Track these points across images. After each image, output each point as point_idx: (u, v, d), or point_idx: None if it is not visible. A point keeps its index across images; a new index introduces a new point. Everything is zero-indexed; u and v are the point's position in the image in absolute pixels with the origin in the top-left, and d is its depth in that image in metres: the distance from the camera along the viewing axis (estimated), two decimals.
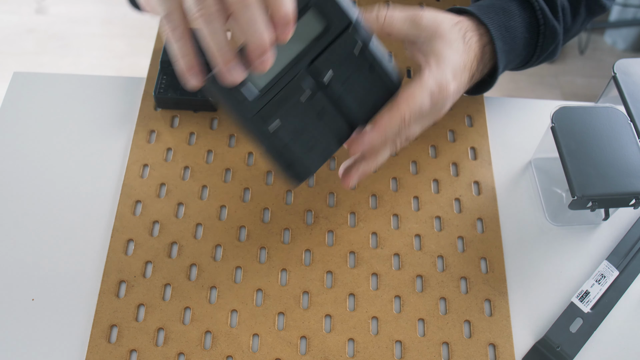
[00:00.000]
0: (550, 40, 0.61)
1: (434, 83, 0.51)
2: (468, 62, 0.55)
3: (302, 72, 0.47)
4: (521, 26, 0.59)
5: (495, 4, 0.60)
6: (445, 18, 0.56)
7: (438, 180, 0.64)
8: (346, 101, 0.50)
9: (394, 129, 0.50)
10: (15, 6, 1.95)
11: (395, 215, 0.61)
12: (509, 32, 0.59)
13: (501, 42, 0.58)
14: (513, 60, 0.61)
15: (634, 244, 0.60)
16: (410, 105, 0.50)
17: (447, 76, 0.52)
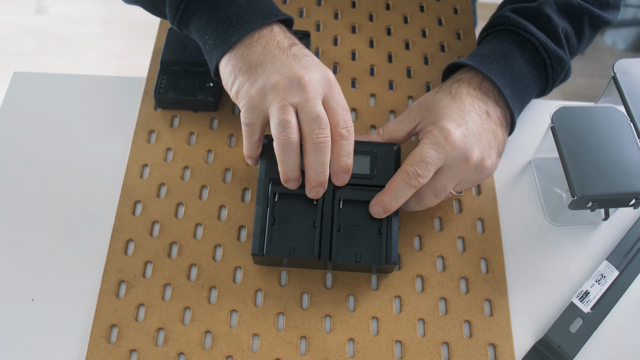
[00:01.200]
0: (559, 69, 0.61)
1: (433, 136, 0.53)
2: (466, 106, 0.56)
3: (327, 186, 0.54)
4: (526, 66, 0.59)
5: (495, 51, 0.60)
6: (428, 94, 0.59)
7: None
8: (340, 236, 0.55)
9: (400, 184, 0.52)
10: (15, 6, 1.95)
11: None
12: (514, 76, 0.59)
13: (509, 89, 0.58)
14: (528, 99, 0.61)
15: (634, 244, 0.60)
16: (410, 159, 0.53)
17: (447, 126, 0.53)
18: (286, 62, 0.52)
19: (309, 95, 0.50)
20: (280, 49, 0.53)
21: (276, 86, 0.51)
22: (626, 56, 1.90)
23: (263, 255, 0.54)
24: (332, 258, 0.54)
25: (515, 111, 0.59)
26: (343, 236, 0.55)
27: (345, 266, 0.56)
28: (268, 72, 0.51)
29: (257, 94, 0.51)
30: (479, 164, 0.54)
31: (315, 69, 0.52)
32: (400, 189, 0.53)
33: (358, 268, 0.56)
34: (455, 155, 0.53)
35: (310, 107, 0.50)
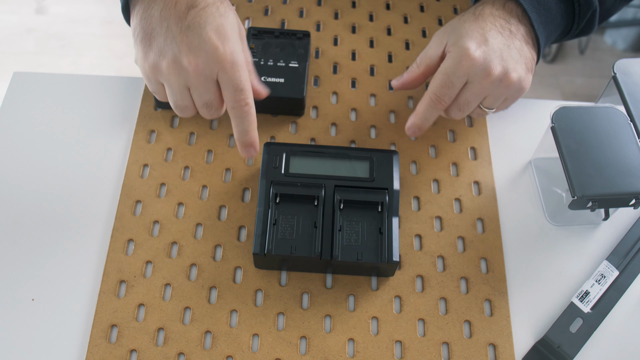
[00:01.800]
0: (586, 7, 0.61)
1: (452, 56, 0.55)
2: (487, 24, 0.57)
3: (326, 185, 0.57)
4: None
5: None
6: (454, 18, 0.60)
7: (438, 180, 0.64)
8: (341, 236, 0.55)
9: (427, 108, 0.56)
10: (15, 6, 1.95)
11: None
12: (542, 4, 0.59)
13: (536, 14, 0.59)
14: (554, 30, 0.61)
15: (634, 244, 0.60)
16: (433, 85, 0.56)
17: (466, 44, 0.55)
18: (177, 38, 0.50)
19: (196, 82, 0.51)
20: (177, 15, 0.51)
21: (166, 70, 0.51)
22: (626, 56, 1.90)
23: (264, 255, 0.54)
24: (333, 257, 0.54)
25: (541, 37, 0.59)
26: (344, 236, 0.55)
27: (346, 267, 0.56)
28: (159, 49, 0.51)
29: (150, 69, 0.52)
30: (502, 78, 0.55)
31: (205, 48, 0.50)
32: (428, 111, 0.57)
33: (359, 269, 0.56)
34: (476, 70, 0.55)
35: (199, 93, 0.52)
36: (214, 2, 0.52)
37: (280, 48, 0.68)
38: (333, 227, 0.55)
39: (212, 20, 0.51)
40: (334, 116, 0.68)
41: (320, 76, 0.71)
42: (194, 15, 0.51)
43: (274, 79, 0.66)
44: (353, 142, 0.66)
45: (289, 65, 0.67)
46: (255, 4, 0.76)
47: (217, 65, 0.50)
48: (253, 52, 0.68)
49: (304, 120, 0.67)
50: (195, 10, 0.51)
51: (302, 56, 0.68)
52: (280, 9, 0.76)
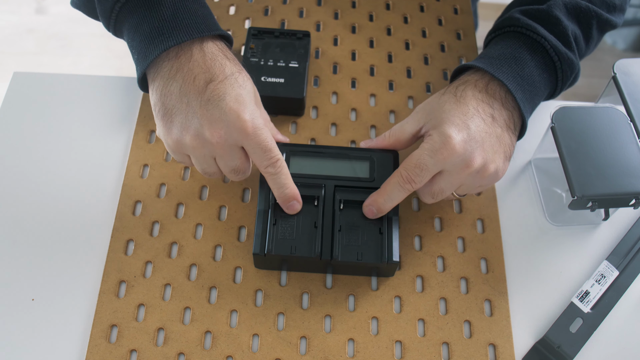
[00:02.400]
0: (569, 72, 0.60)
1: (432, 141, 0.53)
2: (470, 109, 0.55)
3: (327, 185, 0.57)
4: (536, 69, 0.58)
5: (505, 53, 0.59)
6: (434, 96, 0.58)
7: None
8: (341, 236, 0.55)
9: (394, 186, 0.54)
10: (15, 6, 1.95)
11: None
12: (525, 80, 0.58)
13: (521, 93, 0.57)
14: (538, 102, 0.60)
15: (634, 244, 0.60)
16: (406, 164, 0.53)
17: (447, 132, 0.52)
18: (199, 112, 0.51)
19: (221, 152, 0.52)
20: (196, 90, 0.52)
21: (190, 144, 0.52)
22: (626, 56, 1.90)
23: (264, 255, 0.54)
24: (333, 257, 0.54)
25: (527, 115, 0.58)
26: (344, 236, 0.55)
27: (346, 268, 0.56)
28: (181, 125, 0.52)
29: (174, 144, 0.53)
30: (480, 169, 0.53)
31: (227, 119, 0.51)
32: (394, 191, 0.54)
33: (359, 269, 0.56)
34: (455, 161, 0.52)
35: (225, 162, 0.53)
36: (231, 73, 0.53)
37: (280, 48, 0.69)
38: (333, 227, 0.55)
39: (231, 91, 0.52)
40: (334, 116, 0.68)
41: (320, 76, 0.71)
42: (213, 88, 0.52)
43: (274, 79, 0.66)
44: (353, 142, 0.66)
45: (289, 65, 0.67)
46: (255, 4, 0.76)
47: (240, 134, 0.51)
48: (253, 52, 0.68)
49: (304, 120, 0.67)
50: (214, 83, 0.52)
51: (302, 56, 0.68)
52: (280, 9, 0.76)
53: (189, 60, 0.53)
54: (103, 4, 0.56)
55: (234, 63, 0.55)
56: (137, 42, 0.55)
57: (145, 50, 0.54)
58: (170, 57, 0.54)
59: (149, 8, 0.54)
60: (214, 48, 0.55)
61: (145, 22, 0.54)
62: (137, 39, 0.55)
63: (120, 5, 0.55)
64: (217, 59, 0.54)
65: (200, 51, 0.54)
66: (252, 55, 0.67)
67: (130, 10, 0.55)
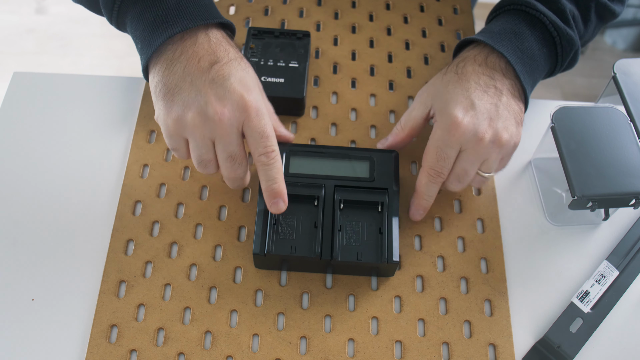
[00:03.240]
0: (568, 49, 0.61)
1: (442, 126, 0.55)
2: (472, 85, 0.56)
3: (326, 185, 0.57)
4: (536, 44, 0.60)
5: (506, 28, 0.60)
6: (437, 77, 0.60)
7: None
8: (341, 236, 0.55)
9: (428, 185, 0.56)
10: (15, 6, 1.95)
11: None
12: (525, 53, 0.59)
13: (521, 65, 0.58)
14: (539, 76, 0.61)
15: (634, 244, 0.60)
16: (426, 158, 0.56)
17: (453, 112, 0.55)
18: (202, 90, 0.51)
19: (222, 132, 0.51)
20: (200, 70, 0.52)
21: (192, 122, 0.51)
22: (626, 56, 1.90)
23: (264, 255, 0.54)
24: (333, 257, 0.54)
25: (527, 87, 0.59)
26: (344, 236, 0.55)
27: (346, 267, 0.56)
28: (184, 102, 0.52)
29: (173, 124, 0.52)
30: (495, 140, 0.55)
31: (231, 97, 0.51)
32: (429, 188, 0.57)
33: (359, 269, 0.56)
34: (467, 137, 0.54)
35: (224, 145, 0.52)
36: (235, 57, 0.54)
37: (280, 48, 0.69)
38: (333, 227, 0.55)
39: (236, 73, 0.53)
40: (334, 116, 0.68)
41: (320, 76, 0.71)
42: (217, 69, 0.52)
43: (274, 79, 0.66)
44: (353, 142, 0.66)
45: (289, 65, 0.67)
46: (255, 4, 0.76)
47: (243, 114, 0.51)
48: (253, 52, 0.68)
49: (304, 120, 0.67)
50: (219, 65, 0.53)
51: (302, 56, 0.68)
52: (280, 9, 0.76)
53: (194, 43, 0.54)
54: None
55: (236, 50, 0.56)
56: (140, 31, 0.55)
57: (149, 37, 0.54)
58: (174, 41, 0.54)
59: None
60: (218, 34, 0.55)
61: (149, 11, 0.54)
62: (140, 28, 0.55)
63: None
64: (222, 44, 0.55)
65: (206, 36, 0.54)
66: (252, 55, 0.68)
67: (133, 1, 0.55)
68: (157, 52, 0.54)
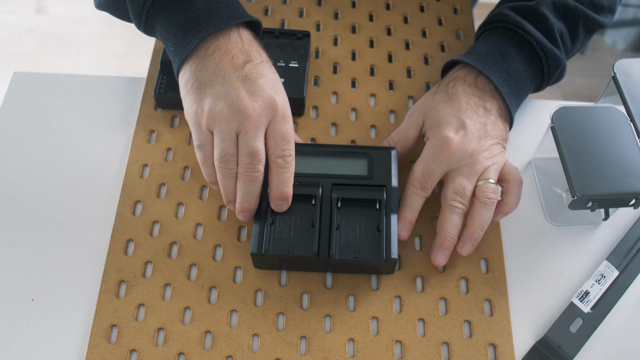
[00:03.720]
0: (554, 68, 0.62)
1: (433, 146, 0.57)
2: (462, 105, 0.58)
3: (324, 183, 0.57)
4: (523, 65, 0.61)
5: (493, 49, 0.61)
6: (427, 96, 0.61)
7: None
8: (339, 234, 0.55)
9: (412, 196, 0.57)
10: (15, 6, 1.95)
11: None
12: (512, 75, 0.60)
13: (507, 88, 0.60)
14: (524, 96, 0.63)
15: (634, 244, 0.60)
16: (415, 174, 0.57)
17: (445, 133, 0.57)
18: (235, 85, 0.52)
19: (250, 126, 0.51)
20: (233, 66, 0.53)
21: (221, 113, 0.52)
22: (626, 56, 1.90)
23: (262, 255, 0.54)
24: (330, 255, 0.54)
25: (513, 109, 0.61)
26: (342, 234, 0.55)
27: (344, 266, 0.56)
28: (216, 94, 0.52)
29: (204, 117, 0.53)
30: (486, 152, 0.56)
31: (263, 95, 0.52)
32: (413, 200, 0.57)
33: (358, 267, 0.56)
34: (458, 157, 0.56)
35: (248, 140, 0.52)
36: (267, 60, 0.56)
37: (280, 48, 0.69)
38: (330, 226, 0.55)
39: (268, 74, 0.54)
40: (334, 116, 0.68)
41: (320, 76, 0.71)
42: (251, 68, 0.53)
43: None
44: (353, 142, 0.66)
45: (289, 65, 0.67)
46: (255, 4, 0.76)
47: (271, 113, 0.52)
48: None
49: (304, 120, 0.67)
50: (252, 64, 0.54)
51: (302, 56, 0.68)
52: (280, 9, 0.76)
53: (227, 41, 0.54)
54: (134, 1, 0.56)
55: (266, 54, 0.57)
56: (172, 34, 0.55)
57: (183, 40, 0.54)
58: (208, 39, 0.54)
59: (181, 1, 0.55)
60: (250, 34, 0.57)
61: (179, 13, 0.55)
62: (172, 31, 0.55)
63: (151, 1, 0.55)
64: (254, 44, 0.56)
65: (238, 35, 0.55)
66: None
67: (161, 5, 0.56)
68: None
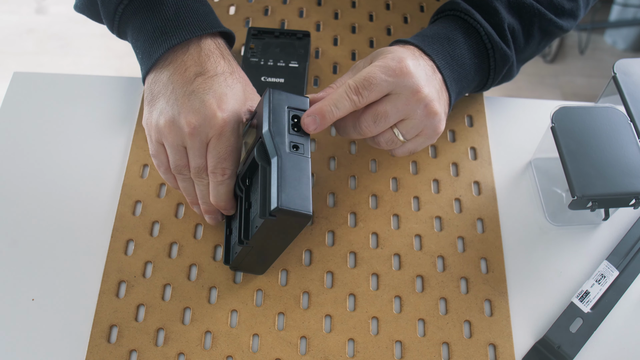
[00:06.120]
0: (501, 63, 0.60)
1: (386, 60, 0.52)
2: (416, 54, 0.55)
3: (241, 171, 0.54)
4: (468, 52, 0.59)
5: (440, 33, 0.59)
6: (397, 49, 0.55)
7: (438, 180, 0.64)
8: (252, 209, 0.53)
9: (342, 95, 0.50)
10: (15, 6, 1.95)
11: (396, 215, 0.61)
12: (455, 60, 0.58)
13: (449, 71, 0.57)
14: (467, 86, 0.60)
15: (634, 244, 0.60)
16: (356, 76, 0.51)
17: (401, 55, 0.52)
18: (180, 100, 0.52)
19: (190, 143, 0.52)
20: (184, 80, 0.53)
21: (164, 128, 0.52)
22: (626, 56, 1.90)
23: (230, 265, 0.56)
24: (243, 237, 0.51)
25: (453, 94, 0.58)
26: (252, 211, 0.52)
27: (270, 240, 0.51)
28: (161, 109, 0.53)
29: (152, 129, 0.54)
30: (428, 103, 0.52)
31: (204, 112, 0.51)
32: (341, 100, 0.50)
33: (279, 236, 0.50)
34: (406, 83, 0.51)
35: (191, 155, 0.53)
36: (222, 72, 0.54)
37: (280, 48, 0.69)
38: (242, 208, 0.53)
39: (217, 88, 0.52)
40: None
41: (320, 76, 0.71)
42: (200, 82, 0.53)
43: (274, 79, 0.66)
44: (353, 142, 0.66)
45: (289, 65, 0.67)
46: (255, 4, 0.76)
47: (211, 130, 0.52)
48: (253, 52, 0.68)
49: None
50: (203, 77, 0.53)
51: (302, 56, 0.68)
52: (280, 9, 0.76)
53: (184, 53, 0.54)
54: (106, 6, 0.56)
55: (228, 63, 0.55)
56: (141, 42, 0.56)
57: (150, 49, 0.54)
58: (168, 51, 0.54)
59: (152, 8, 0.55)
60: (212, 45, 0.55)
61: (149, 22, 0.55)
62: (140, 39, 0.55)
63: (123, 7, 0.56)
64: (212, 56, 0.54)
65: (198, 47, 0.54)
66: (252, 55, 0.68)
67: (133, 12, 0.56)
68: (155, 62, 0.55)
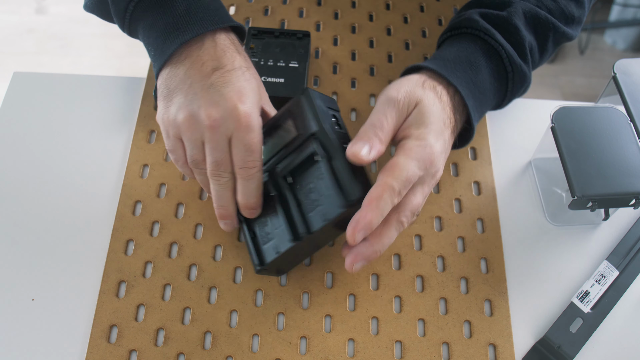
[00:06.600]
0: (519, 85, 0.59)
1: (419, 150, 0.50)
2: (447, 119, 0.53)
3: (269, 169, 0.54)
4: (489, 77, 0.57)
5: (461, 57, 0.57)
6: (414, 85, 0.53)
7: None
8: (304, 205, 0.52)
9: (385, 201, 0.47)
10: (15, 6, 1.95)
11: None
12: (477, 87, 0.56)
13: (472, 100, 0.56)
14: (485, 110, 0.59)
15: (634, 244, 0.60)
16: (395, 174, 0.48)
17: (430, 141, 0.50)
18: (198, 94, 0.51)
19: (210, 136, 0.51)
20: (201, 74, 0.52)
21: (184, 123, 0.52)
22: (626, 56, 1.90)
23: (265, 268, 0.53)
24: (301, 232, 0.51)
25: (475, 124, 0.56)
26: (306, 206, 0.52)
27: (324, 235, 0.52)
28: (180, 103, 0.52)
29: (170, 124, 0.53)
30: (438, 173, 0.52)
31: (225, 105, 0.51)
32: (387, 205, 0.48)
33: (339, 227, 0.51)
34: (430, 172, 0.51)
35: (210, 150, 0.52)
36: (240, 66, 0.53)
37: (280, 48, 0.69)
38: (289, 205, 0.52)
39: (236, 82, 0.52)
40: None
41: (320, 76, 0.71)
42: (219, 75, 0.52)
43: (274, 79, 0.66)
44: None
45: (289, 65, 0.67)
46: (255, 4, 0.76)
47: (233, 123, 0.51)
48: (253, 52, 0.68)
49: None
50: (221, 71, 0.52)
51: (302, 56, 0.68)
52: (280, 9, 0.76)
53: (199, 48, 0.53)
54: (117, 4, 0.56)
55: (244, 58, 0.55)
56: (153, 39, 0.55)
57: (162, 45, 0.54)
58: (182, 45, 0.54)
59: (163, 5, 0.55)
60: (227, 40, 0.55)
61: (160, 19, 0.55)
62: (152, 36, 0.55)
63: (133, 5, 0.55)
64: (228, 51, 0.54)
65: (212, 41, 0.54)
66: (252, 55, 0.68)
67: (144, 9, 0.55)
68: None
